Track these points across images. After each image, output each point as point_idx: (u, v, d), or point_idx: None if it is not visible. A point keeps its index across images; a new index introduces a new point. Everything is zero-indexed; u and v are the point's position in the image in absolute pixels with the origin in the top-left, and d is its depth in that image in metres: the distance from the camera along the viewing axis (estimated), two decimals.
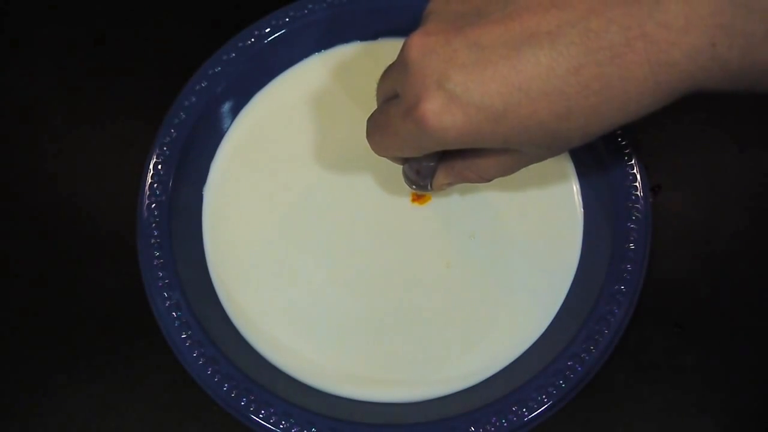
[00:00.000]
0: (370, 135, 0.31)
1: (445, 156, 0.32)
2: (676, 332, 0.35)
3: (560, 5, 0.24)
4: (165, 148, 0.36)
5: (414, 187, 0.34)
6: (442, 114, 0.25)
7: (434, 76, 0.26)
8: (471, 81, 0.25)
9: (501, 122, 0.25)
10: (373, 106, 0.39)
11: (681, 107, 0.39)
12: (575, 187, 0.37)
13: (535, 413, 0.31)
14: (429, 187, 0.33)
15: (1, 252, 0.38)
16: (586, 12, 0.24)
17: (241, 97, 0.39)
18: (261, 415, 0.31)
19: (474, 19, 0.26)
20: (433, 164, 0.32)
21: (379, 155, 0.31)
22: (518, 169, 0.30)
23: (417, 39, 0.27)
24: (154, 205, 0.35)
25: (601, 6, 0.24)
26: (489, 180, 0.31)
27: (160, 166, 0.36)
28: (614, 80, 0.24)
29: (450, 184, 0.33)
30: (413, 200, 0.37)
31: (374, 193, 0.37)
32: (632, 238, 0.33)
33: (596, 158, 0.36)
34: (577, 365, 0.31)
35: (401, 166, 0.33)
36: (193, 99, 0.37)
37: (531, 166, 0.36)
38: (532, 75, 0.24)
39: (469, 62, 0.25)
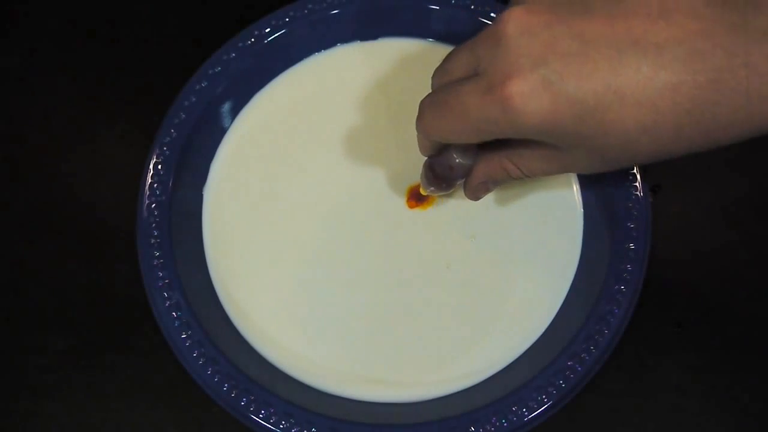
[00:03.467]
0: (426, 114, 0.29)
1: (485, 150, 0.31)
2: (676, 332, 0.35)
3: (668, 19, 0.24)
4: (165, 148, 0.36)
5: (432, 188, 0.33)
6: (530, 97, 0.25)
7: (531, 56, 0.25)
8: (568, 72, 0.24)
9: (585, 121, 0.25)
10: (373, 105, 0.39)
11: None
12: (575, 187, 0.37)
13: (535, 413, 0.31)
14: (450, 187, 0.32)
15: (0, 252, 0.38)
16: (695, 33, 0.23)
17: (241, 97, 0.39)
18: (261, 415, 0.31)
19: (579, 10, 0.25)
20: (470, 163, 0.31)
21: (427, 137, 0.30)
22: (560, 172, 0.30)
23: (518, 14, 0.25)
24: (154, 205, 0.35)
25: (710, 29, 0.23)
26: (530, 176, 0.30)
27: (160, 166, 0.36)
28: (709, 104, 0.24)
29: (485, 185, 0.32)
30: (410, 207, 0.37)
31: (375, 194, 0.37)
32: (632, 238, 0.33)
33: None
34: (577, 365, 0.31)
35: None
36: (193, 99, 0.37)
37: None
38: (630, 81, 0.24)
39: (570, 52, 0.24)
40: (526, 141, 0.28)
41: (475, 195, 0.33)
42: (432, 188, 0.33)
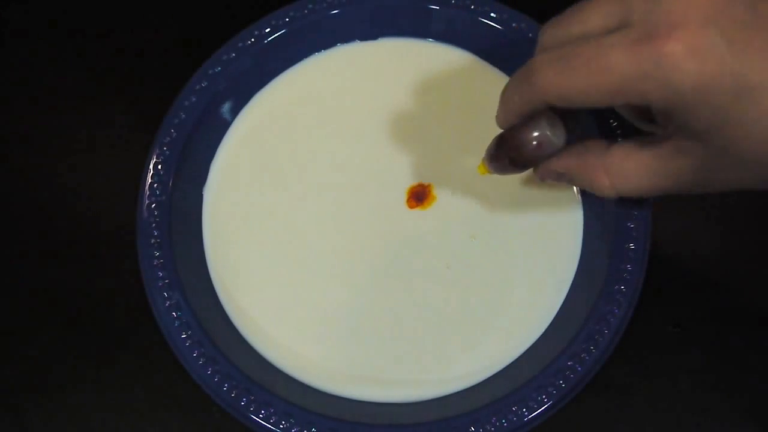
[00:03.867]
0: (548, 68, 0.25)
1: (577, 144, 0.28)
2: (676, 332, 0.35)
3: None
4: (165, 148, 0.36)
5: (499, 165, 0.29)
6: (692, 55, 0.22)
7: (701, 11, 0.22)
8: (738, 40, 0.22)
9: (740, 100, 0.22)
10: (373, 105, 0.39)
11: None
12: (575, 187, 0.37)
13: (535, 413, 0.31)
14: (522, 169, 0.29)
15: (0, 252, 0.38)
16: None
17: (241, 97, 0.39)
18: (261, 415, 0.31)
19: None
20: (559, 144, 0.27)
21: (542, 96, 0.25)
22: (660, 190, 0.26)
23: None
24: (154, 205, 0.35)
25: None
26: (621, 194, 0.27)
27: (160, 166, 0.36)
28: None
29: (560, 176, 0.29)
30: (411, 207, 0.37)
31: (375, 194, 0.37)
32: (632, 238, 0.33)
33: None
34: (577, 365, 0.31)
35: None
36: (193, 99, 0.37)
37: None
38: None
39: (742, 20, 0.22)
40: (630, 147, 0.26)
41: (545, 177, 0.30)
42: (499, 165, 0.29)
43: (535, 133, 0.27)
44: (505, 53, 0.38)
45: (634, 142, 0.26)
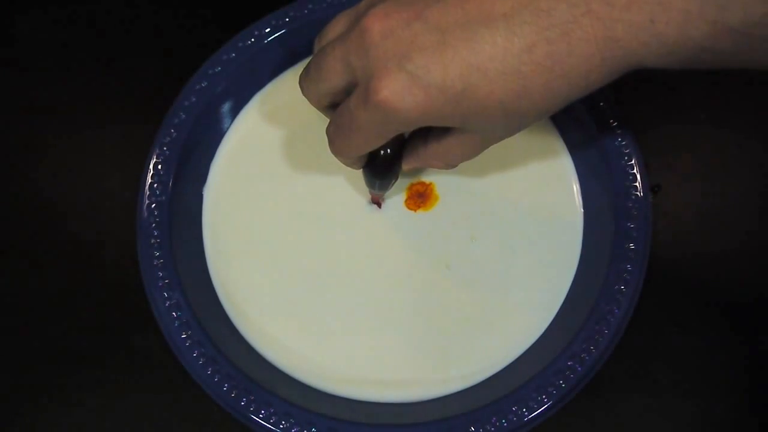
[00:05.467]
0: (335, 140, 0.31)
1: (409, 143, 0.32)
2: (676, 332, 0.35)
3: None
4: (165, 148, 0.36)
5: (379, 183, 0.34)
6: (403, 94, 0.26)
7: (395, 59, 0.26)
8: (432, 63, 0.26)
9: (461, 102, 0.26)
10: None
11: (681, 107, 0.39)
12: (575, 188, 0.37)
13: (535, 413, 0.31)
14: (395, 177, 0.34)
15: (0, 252, 0.38)
16: None
17: (241, 97, 0.39)
18: (261, 415, 0.31)
19: (431, 1, 0.27)
20: (400, 150, 0.32)
21: (345, 157, 0.31)
22: (480, 151, 0.31)
23: (377, 22, 0.27)
24: (154, 205, 0.35)
25: None
26: (454, 166, 0.32)
27: (160, 166, 0.36)
28: (564, 56, 0.25)
29: (417, 168, 0.34)
30: (410, 207, 0.37)
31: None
32: (632, 238, 0.33)
33: (597, 159, 0.36)
34: (577, 365, 0.31)
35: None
36: (193, 99, 0.37)
37: (531, 167, 0.36)
38: (490, 56, 0.25)
39: (430, 45, 0.26)
40: (435, 133, 0.30)
41: (408, 170, 0.34)
42: (379, 183, 0.34)
43: (381, 159, 0.32)
44: None
45: (436, 134, 0.31)
